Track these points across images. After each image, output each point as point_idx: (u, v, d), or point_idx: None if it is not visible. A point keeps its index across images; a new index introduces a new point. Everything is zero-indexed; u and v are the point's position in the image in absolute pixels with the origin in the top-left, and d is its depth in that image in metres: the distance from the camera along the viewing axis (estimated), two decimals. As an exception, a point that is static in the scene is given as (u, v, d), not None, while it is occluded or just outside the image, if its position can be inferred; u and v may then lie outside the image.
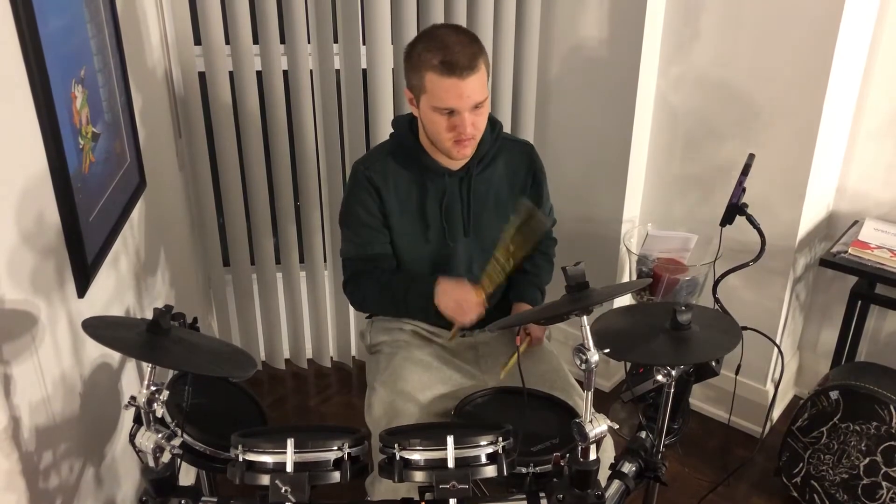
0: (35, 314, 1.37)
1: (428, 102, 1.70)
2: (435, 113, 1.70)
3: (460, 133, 1.70)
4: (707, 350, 1.51)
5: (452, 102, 1.67)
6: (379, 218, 1.86)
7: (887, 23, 2.30)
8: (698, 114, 2.50)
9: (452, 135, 1.72)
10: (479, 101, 1.69)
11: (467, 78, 1.65)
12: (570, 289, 1.35)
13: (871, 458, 2.13)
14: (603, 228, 2.73)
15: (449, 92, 1.66)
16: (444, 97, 1.67)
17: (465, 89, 1.65)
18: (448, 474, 1.28)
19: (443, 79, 1.65)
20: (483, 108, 1.72)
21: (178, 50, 2.46)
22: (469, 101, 1.67)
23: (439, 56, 1.64)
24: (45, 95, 1.35)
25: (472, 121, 1.70)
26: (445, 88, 1.66)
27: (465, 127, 1.69)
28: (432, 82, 1.66)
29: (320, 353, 3.08)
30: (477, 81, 1.67)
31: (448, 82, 1.65)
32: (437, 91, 1.67)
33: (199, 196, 2.70)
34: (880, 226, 2.41)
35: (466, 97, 1.66)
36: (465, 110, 1.68)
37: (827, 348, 2.63)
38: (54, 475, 1.45)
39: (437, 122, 1.71)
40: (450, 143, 1.73)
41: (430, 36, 1.69)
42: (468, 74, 1.64)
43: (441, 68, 1.64)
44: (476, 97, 1.68)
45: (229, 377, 1.69)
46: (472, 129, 1.71)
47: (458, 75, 1.64)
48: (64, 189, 1.44)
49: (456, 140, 1.72)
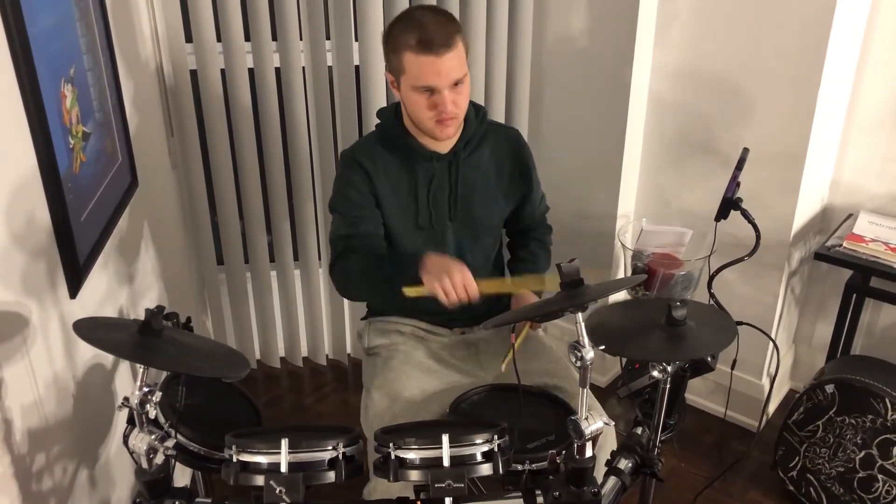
0: (26, 315, 1.36)
1: (407, 82, 1.71)
2: (415, 92, 1.70)
3: (441, 112, 1.71)
4: (702, 346, 1.50)
5: (431, 80, 1.67)
6: (370, 198, 1.83)
7: (880, 14, 2.29)
8: (693, 108, 2.49)
9: (433, 114, 1.72)
10: (458, 77, 1.69)
11: (444, 55, 1.65)
12: (565, 286, 1.35)
13: (867, 452, 2.14)
14: (597, 224, 2.73)
15: (426, 70, 1.66)
16: (421, 75, 1.67)
17: (443, 67, 1.66)
18: (443, 473, 1.27)
19: (419, 57, 1.65)
20: (463, 87, 1.72)
21: (169, 47, 2.44)
22: (447, 79, 1.67)
23: (415, 35, 1.64)
24: (34, 95, 1.34)
25: (452, 99, 1.70)
26: (422, 66, 1.66)
27: (446, 105, 1.69)
28: (410, 62, 1.67)
29: (316, 351, 3.07)
30: (454, 58, 1.67)
31: (425, 60, 1.65)
32: (414, 70, 1.68)
33: (192, 194, 2.68)
34: (875, 219, 2.41)
35: (445, 74, 1.67)
36: (445, 88, 1.68)
37: (822, 342, 2.64)
38: (47, 477, 1.44)
39: (418, 101, 1.71)
40: (431, 122, 1.73)
41: (407, 17, 1.71)
42: (444, 51, 1.65)
43: (418, 47, 1.65)
44: (454, 74, 1.68)
45: (222, 378, 1.68)
46: (453, 107, 1.71)
47: (434, 52, 1.64)
48: (54, 189, 1.43)
49: (438, 120, 1.72)
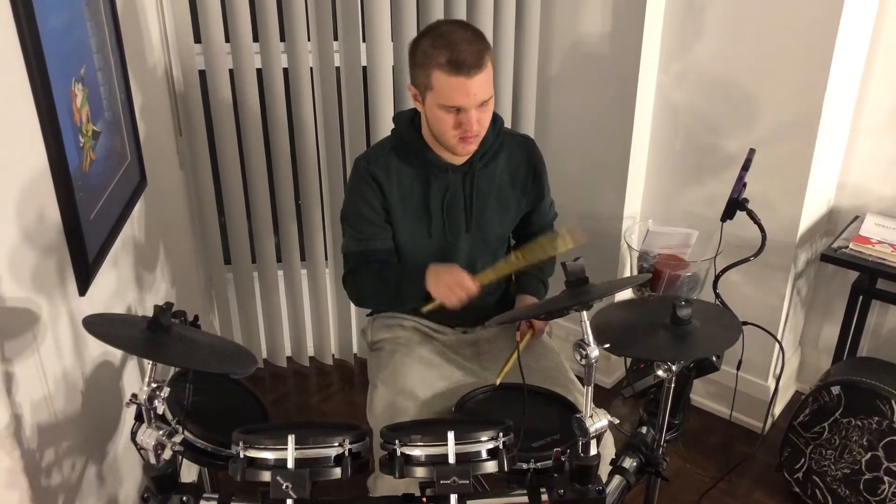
0: (36, 312, 1.38)
1: (434, 100, 1.70)
2: (441, 110, 1.70)
3: (466, 130, 1.70)
4: (707, 345, 1.51)
5: (460, 101, 1.66)
6: (381, 213, 1.85)
7: (887, 17, 2.29)
8: (699, 109, 2.50)
9: (458, 132, 1.72)
10: (486, 98, 1.69)
11: (475, 76, 1.64)
12: (570, 284, 1.35)
13: (873, 453, 2.13)
14: (604, 225, 2.73)
15: (456, 90, 1.65)
16: (451, 95, 1.66)
17: (473, 87, 1.65)
18: (449, 470, 1.28)
19: (450, 77, 1.64)
20: (488, 106, 1.72)
21: (178, 48, 2.46)
22: (476, 99, 1.67)
23: (446, 54, 1.63)
24: (46, 94, 1.36)
25: (477, 118, 1.70)
26: (453, 87, 1.65)
27: (472, 124, 1.69)
28: (439, 80, 1.66)
29: (322, 351, 3.09)
30: (484, 79, 1.67)
31: (455, 81, 1.64)
32: (444, 89, 1.66)
33: (200, 194, 2.70)
34: (881, 221, 2.41)
35: (473, 95, 1.66)
36: (472, 108, 1.68)
37: (828, 344, 2.63)
38: (56, 473, 1.45)
39: (444, 119, 1.71)
40: (455, 139, 1.73)
41: (436, 33, 1.68)
42: (475, 73, 1.64)
43: (448, 67, 1.63)
44: (482, 95, 1.68)
45: (230, 374, 1.70)
46: (478, 126, 1.71)
47: (465, 74, 1.63)
48: (65, 187, 1.44)
49: (461, 137, 1.72)
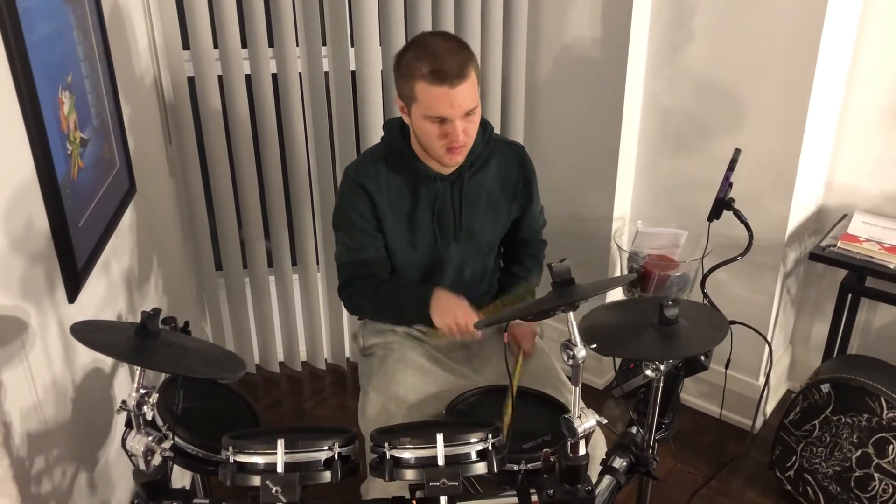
0: (25, 320, 1.38)
1: (419, 111, 1.70)
2: (426, 121, 1.70)
3: (452, 141, 1.70)
4: (694, 344, 1.52)
5: (443, 111, 1.66)
6: (372, 222, 1.86)
7: (871, 16, 2.31)
8: (686, 111, 2.51)
9: (444, 142, 1.71)
10: (470, 108, 1.69)
11: (458, 86, 1.64)
12: (556, 285, 1.36)
13: (863, 450, 2.14)
14: (593, 226, 2.74)
15: (439, 101, 1.65)
16: (434, 106, 1.66)
17: (456, 98, 1.65)
18: (438, 472, 1.28)
19: (433, 87, 1.64)
20: (474, 116, 1.72)
21: (166, 55, 2.46)
22: (460, 110, 1.67)
23: (429, 65, 1.63)
24: (32, 102, 1.36)
25: (463, 128, 1.70)
26: (436, 97, 1.65)
27: (457, 135, 1.69)
28: (422, 91, 1.66)
29: (314, 356, 3.09)
30: (467, 89, 1.66)
31: (438, 91, 1.64)
32: (427, 100, 1.67)
33: (191, 200, 2.70)
34: (869, 219, 2.42)
35: (457, 105, 1.66)
36: (457, 118, 1.68)
37: (818, 342, 2.65)
38: (47, 480, 1.45)
39: (429, 130, 1.71)
40: (442, 150, 1.73)
41: (419, 44, 1.68)
42: (458, 83, 1.64)
43: (431, 77, 1.63)
44: (467, 105, 1.68)
45: (218, 379, 1.70)
46: (464, 136, 1.71)
47: (448, 84, 1.63)
48: (52, 195, 1.44)
49: (448, 148, 1.72)
